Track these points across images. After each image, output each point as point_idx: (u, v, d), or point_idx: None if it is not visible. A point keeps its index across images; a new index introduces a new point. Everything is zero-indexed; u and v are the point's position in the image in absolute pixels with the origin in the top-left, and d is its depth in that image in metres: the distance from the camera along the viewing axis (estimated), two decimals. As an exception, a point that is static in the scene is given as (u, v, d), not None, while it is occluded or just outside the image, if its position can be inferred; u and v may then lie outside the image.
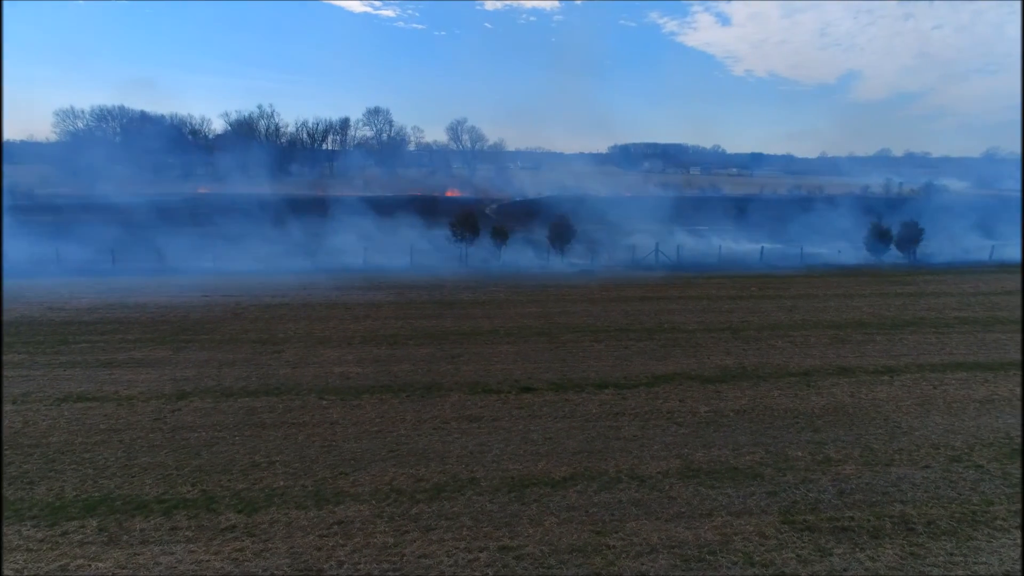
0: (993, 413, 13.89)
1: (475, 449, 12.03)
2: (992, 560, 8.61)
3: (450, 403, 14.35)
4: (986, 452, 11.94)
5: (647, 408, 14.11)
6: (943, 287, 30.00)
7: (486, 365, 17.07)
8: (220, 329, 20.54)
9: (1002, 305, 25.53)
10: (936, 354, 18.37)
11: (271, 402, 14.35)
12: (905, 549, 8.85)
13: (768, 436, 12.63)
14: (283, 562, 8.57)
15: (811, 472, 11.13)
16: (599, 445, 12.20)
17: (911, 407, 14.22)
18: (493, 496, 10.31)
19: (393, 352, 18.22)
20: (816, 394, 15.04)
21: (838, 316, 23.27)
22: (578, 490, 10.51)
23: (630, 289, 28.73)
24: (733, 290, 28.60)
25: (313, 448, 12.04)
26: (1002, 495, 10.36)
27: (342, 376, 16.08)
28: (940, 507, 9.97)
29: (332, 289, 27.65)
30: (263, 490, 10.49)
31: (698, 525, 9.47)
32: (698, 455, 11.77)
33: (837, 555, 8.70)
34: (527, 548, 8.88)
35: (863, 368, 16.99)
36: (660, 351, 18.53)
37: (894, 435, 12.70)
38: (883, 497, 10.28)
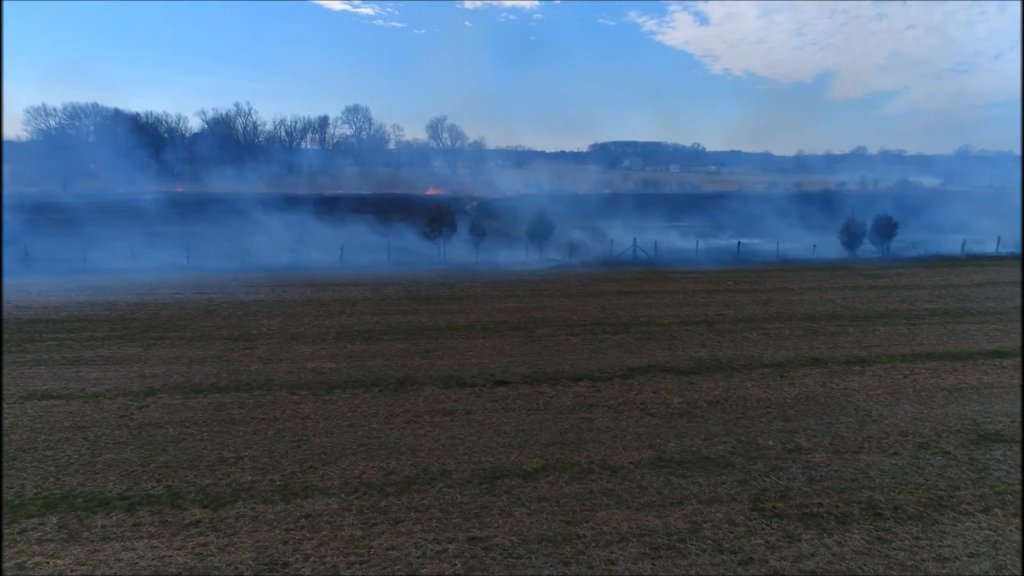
0: (961, 401, 14.07)
1: (447, 442, 11.94)
2: (957, 543, 8.70)
3: (423, 397, 14.24)
4: (953, 439, 12.08)
5: (621, 400, 14.11)
6: (915, 280, 30.41)
7: (461, 359, 16.98)
8: (191, 326, 20.23)
9: (972, 297, 25.93)
10: (907, 345, 18.59)
11: (241, 398, 14.14)
12: (872, 534, 8.91)
13: (740, 426, 12.68)
14: (248, 556, 8.42)
15: (781, 460, 11.19)
16: (572, 437, 12.17)
17: (881, 396, 14.37)
18: (464, 488, 10.23)
19: (367, 347, 18.06)
20: (789, 384, 15.15)
21: (812, 309, 23.49)
22: (549, 481, 10.46)
23: (606, 284, 28.78)
24: (709, 284, 28.77)
25: (283, 443, 11.88)
26: (968, 480, 10.48)
27: (315, 371, 15.90)
28: (907, 493, 10.07)
29: (307, 286, 27.38)
30: (230, 485, 10.32)
31: (668, 513, 9.47)
32: (670, 445, 11.78)
33: (805, 540, 8.74)
34: (496, 539, 8.81)
35: (835, 359, 17.15)
36: (635, 344, 18.56)
37: (864, 423, 12.81)
38: (852, 484, 10.36)
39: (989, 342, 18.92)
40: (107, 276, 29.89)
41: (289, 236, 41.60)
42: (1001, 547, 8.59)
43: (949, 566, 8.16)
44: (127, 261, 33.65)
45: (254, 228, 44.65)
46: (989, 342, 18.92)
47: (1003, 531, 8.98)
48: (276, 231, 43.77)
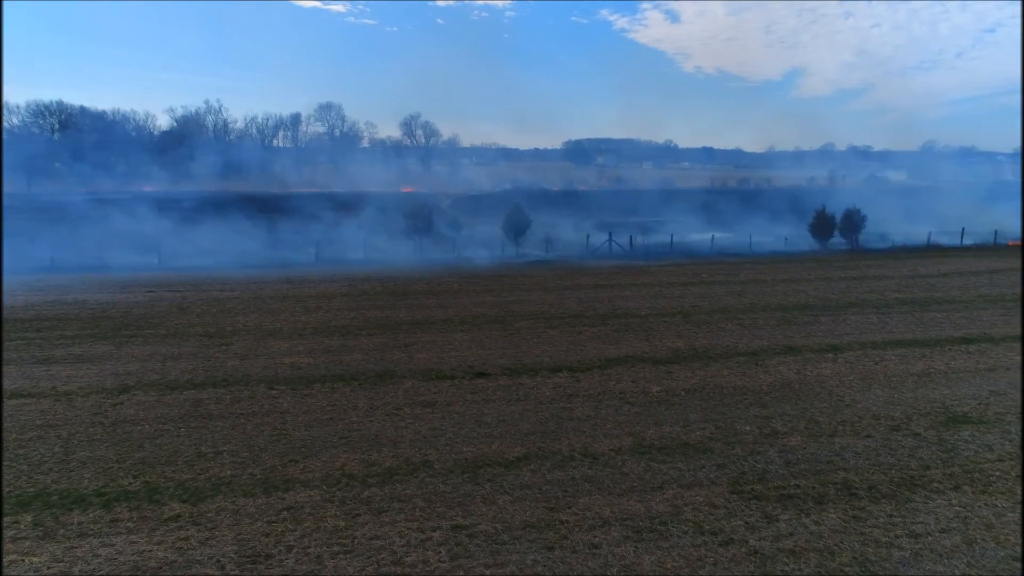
0: (930, 385, 14.43)
1: (428, 433, 11.93)
2: (929, 520, 8.93)
3: (403, 390, 14.21)
4: (923, 421, 12.39)
5: (600, 389, 14.22)
6: (883, 271, 31.08)
7: (440, 353, 16.97)
8: (164, 324, 19.93)
9: (938, 287, 26.58)
10: (877, 333, 19.01)
11: (218, 394, 13.97)
12: (848, 513, 9.11)
13: (718, 413, 12.87)
14: (230, 549, 8.34)
15: (759, 445, 11.38)
16: (553, 426, 12.24)
17: (854, 382, 14.67)
18: (446, 478, 10.25)
19: (345, 342, 17.96)
20: (764, 372, 15.39)
21: (785, 299, 23.89)
22: (531, 469, 10.52)
23: (584, 278, 28.96)
24: (684, 277, 29.10)
25: (262, 437, 11.77)
26: (938, 460, 10.76)
27: (293, 366, 15.77)
28: (881, 473, 10.30)
29: (283, 282, 27.12)
30: (209, 480, 10.21)
31: (650, 498, 9.58)
32: (650, 432, 11.91)
33: (783, 521, 8.91)
34: (480, 526, 8.84)
35: (809, 347, 17.47)
36: (613, 336, 18.71)
37: (837, 408, 13.08)
38: (827, 466, 10.57)
39: (956, 329, 19.42)
40: (75, 275, 29.30)
41: (261, 234, 41.14)
42: (971, 522, 8.84)
43: (922, 541, 8.38)
44: (96, 260, 33.01)
45: (227, 226, 44.08)
46: (956, 329, 19.42)
47: (972, 507, 9.24)
48: (249, 228, 43.26)
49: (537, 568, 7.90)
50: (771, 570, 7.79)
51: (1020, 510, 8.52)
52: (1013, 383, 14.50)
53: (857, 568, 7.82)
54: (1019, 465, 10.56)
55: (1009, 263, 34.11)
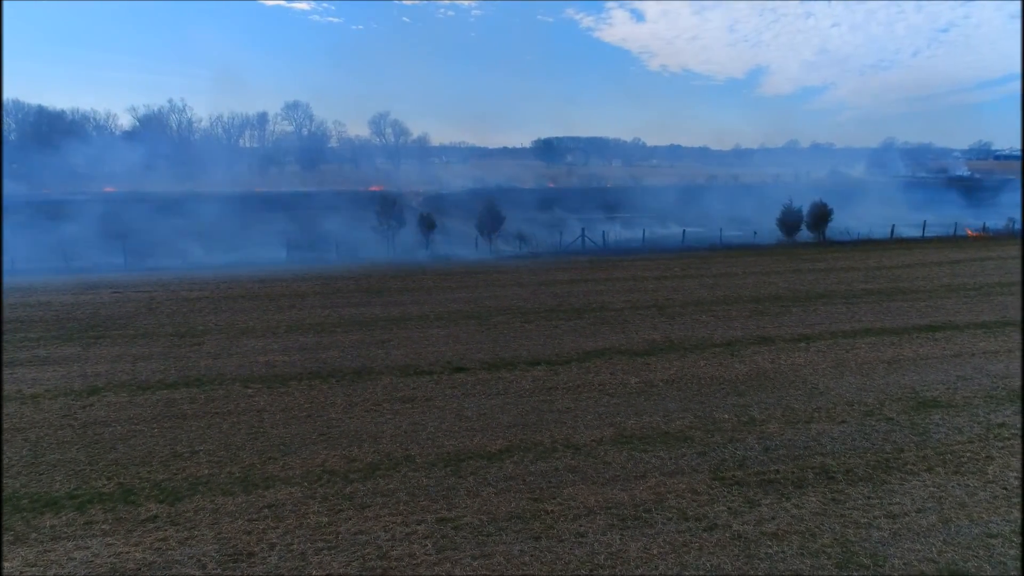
0: (900, 372, 14.76)
1: (409, 428, 11.84)
2: (905, 501, 9.13)
3: (382, 386, 14.09)
4: (895, 406, 12.66)
5: (579, 382, 14.26)
6: (850, 263, 31.72)
7: (417, 348, 16.86)
8: (133, 324, 19.46)
9: (903, 277, 27.21)
10: (847, 322, 19.38)
11: (192, 393, 13.69)
12: (827, 496, 9.27)
13: (696, 402, 12.99)
14: (210, 548, 8.17)
15: (738, 432, 11.51)
16: (533, 418, 12.24)
17: (826, 370, 14.94)
18: (429, 471, 10.18)
19: (320, 340, 17.74)
20: (739, 362, 15.59)
21: (756, 291, 24.23)
22: (514, 461, 10.51)
23: (558, 273, 29.03)
24: (657, 271, 29.35)
25: (239, 435, 11.56)
26: (911, 443, 11.01)
27: (267, 364, 15.52)
28: (856, 457, 10.50)
29: (254, 281, 26.69)
30: (186, 479, 9.99)
31: (633, 487, 9.63)
32: (630, 423, 11.98)
33: (765, 505, 9.03)
34: (465, 518, 8.80)
35: (781, 337, 17.74)
36: (589, 329, 18.79)
37: (812, 395, 13.30)
38: (805, 451, 10.74)
39: (921, 318, 19.89)
40: (37, 277, 28.47)
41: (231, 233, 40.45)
42: (945, 502, 9.07)
43: (900, 521, 8.57)
44: (59, 262, 32.11)
45: (194, 226, 43.24)
46: (921, 318, 19.89)
47: (946, 487, 9.48)
48: (218, 228, 42.49)
49: (524, 558, 7.89)
50: (755, 553, 7.89)
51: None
52: (978, 368, 14.90)
53: (838, 549, 7.96)
54: (988, 446, 10.86)
55: (968, 254, 35.08)
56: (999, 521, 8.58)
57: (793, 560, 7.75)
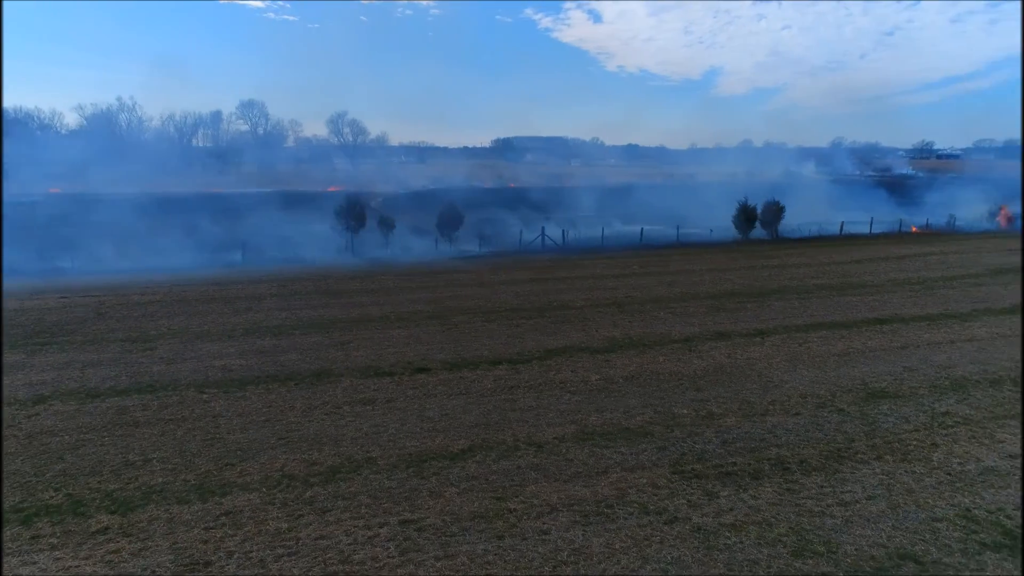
0: (850, 364, 15.22)
1: (370, 430, 11.73)
2: (856, 488, 9.42)
3: (342, 388, 13.92)
4: (846, 397, 13.05)
5: (541, 380, 14.33)
6: (802, 259, 32.59)
7: (378, 350, 16.71)
8: (82, 330, 18.83)
9: (852, 272, 28.08)
10: (800, 316, 19.91)
11: (144, 400, 13.31)
12: (782, 486, 9.51)
13: (656, 398, 13.18)
14: (166, 559, 7.96)
15: (696, 426, 11.72)
16: (496, 417, 12.25)
17: (781, 363, 15.32)
18: (391, 473, 10.10)
19: (278, 342, 17.45)
20: (697, 357, 15.87)
21: (713, 288, 24.70)
22: (477, 461, 10.50)
23: (519, 272, 29.12)
24: (616, 269, 29.68)
25: (194, 442, 11.29)
26: (861, 433, 11.36)
27: (224, 369, 15.19)
28: (810, 447, 10.79)
29: (210, 284, 26.09)
30: (139, 488, 9.72)
31: (595, 483, 9.72)
32: (592, 419, 12.08)
33: (723, 497, 9.22)
34: (428, 519, 8.76)
35: (738, 332, 18.13)
36: (551, 327, 18.90)
37: (767, 389, 13.62)
38: (761, 443, 10.99)
39: (870, 311, 20.55)
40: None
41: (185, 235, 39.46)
42: (894, 489, 9.39)
43: (851, 509, 8.84)
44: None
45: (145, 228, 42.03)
46: (870, 311, 20.55)
47: (894, 475, 9.81)
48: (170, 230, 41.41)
49: (488, 557, 7.90)
50: (714, 544, 8.04)
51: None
52: (923, 359, 15.46)
53: (793, 537, 8.17)
54: (933, 434, 11.28)
55: (913, 249, 36.39)
56: (944, 506, 8.92)
57: (751, 550, 7.92)
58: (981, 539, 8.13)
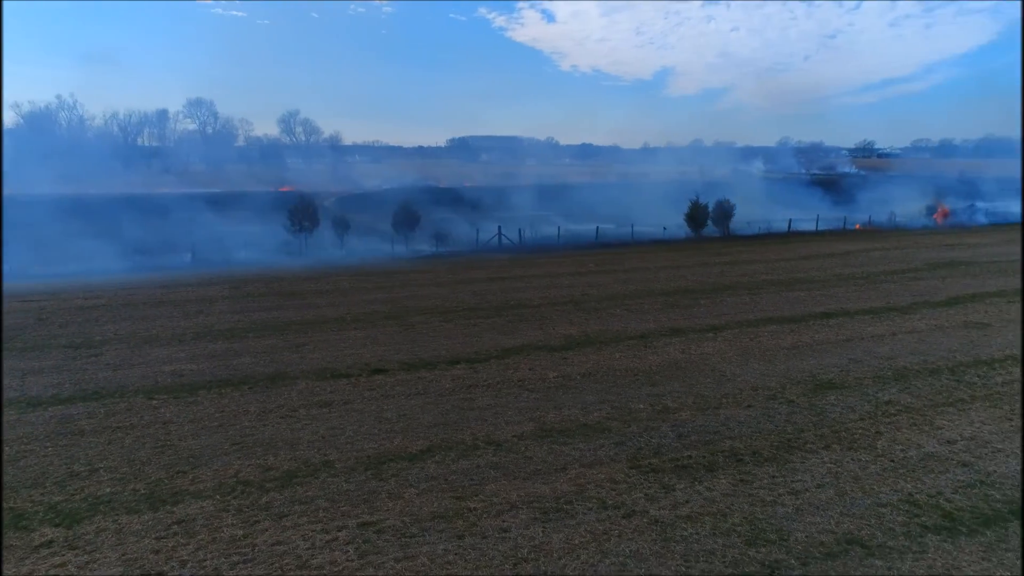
0: (799, 357, 15.68)
1: (327, 433, 11.58)
2: (806, 477, 9.72)
3: (297, 391, 13.71)
4: (795, 389, 13.45)
5: (499, 378, 14.37)
6: (752, 256, 33.40)
7: (334, 351, 16.50)
8: (21, 336, 18.08)
9: (799, 268, 28.92)
10: (751, 312, 20.42)
11: (90, 408, 12.86)
12: (736, 477, 9.75)
13: (613, 394, 13.34)
14: (115, 571, 7.72)
15: (652, 421, 11.91)
16: (454, 417, 12.23)
17: (733, 357, 15.68)
18: (349, 476, 10.00)
19: (231, 346, 17.06)
20: (653, 353, 16.13)
21: (668, 285, 25.13)
22: (436, 461, 10.47)
23: (476, 271, 29.10)
24: (572, 267, 29.93)
25: (144, 450, 10.97)
26: (810, 423, 11.73)
27: (174, 374, 14.79)
28: (762, 439, 11.09)
29: (157, 287, 25.34)
30: (85, 499, 9.39)
31: (554, 479, 9.80)
32: (550, 416, 12.17)
33: (679, 490, 9.40)
34: (388, 521, 8.70)
35: (692, 328, 18.49)
36: (508, 326, 18.95)
37: (721, 382, 13.93)
38: (715, 436, 11.24)
39: (817, 305, 21.21)
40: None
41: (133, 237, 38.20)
42: (841, 476, 9.72)
43: (801, 497, 9.12)
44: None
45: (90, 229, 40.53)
46: (817, 305, 21.21)
47: (841, 463, 10.16)
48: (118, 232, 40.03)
49: (448, 557, 7.89)
50: (671, 536, 8.20)
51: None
52: (867, 351, 16.02)
53: (747, 527, 8.39)
54: (877, 423, 11.71)
55: (857, 245, 37.66)
56: (888, 491, 9.28)
57: (706, 540, 8.10)
58: (923, 522, 8.49)
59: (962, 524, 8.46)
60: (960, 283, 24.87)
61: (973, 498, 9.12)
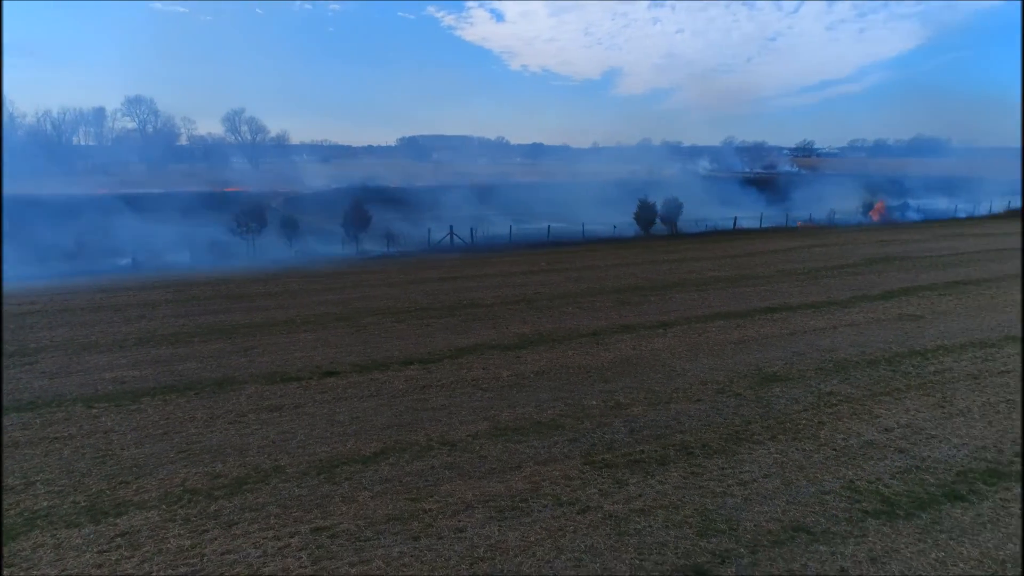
0: (746, 351, 16.10)
1: (277, 438, 11.36)
2: (753, 468, 10.01)
3: (246, 396, 13.39)
4: (743, 382, 13.82)
5: (453, 378, 14.33)
6: (700, 253, 34.14)
7: (284, 354, 16.18)
8: (-54, 345, 17.15)
9: (745, 264, 29.70)
10: (699, 308, 20.87)
11: (25, 418, 12.30)
12: (687, 470, 9.97)
13: (566, 391, 13.47)
14: (55, 587, 7.42)
15: (605, 417, 12.07)
16: (408, 418, 12.16)
17: (683, 353, 16.01)
18: (301, 481, 9.83)
19: (176, 351, 16.55)
20: (605, 350, 16.34)
21: (618, 282, 25.48)
22: (390, 463, 10.39)
23: (428, 271, 28.95)
24: (525, 266, 30.06)
25: (83, 461, 10.56)
26: (756, 415, 12.07)
27: (115, 381, 14.27)
28: (711, 431, 11.36)
29: (96, 292, 24.39)
30: (21, 514, 8.98)
31: (509, 478, 9.84)
32: (504, 415, 12.21)
33: (632, 484, 9.56)
34: (342, 525, 8.60)
35: (642, 324, 18.79)
36: (461, 326, 18.92)
37: (671, 377, 14.21)
38: (666, 430, 11.47)
39: (762, 301, 21.82)
40: None
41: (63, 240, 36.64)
42: (787, 466, 10.04)
43: (750, 487, 9.39)
44: None
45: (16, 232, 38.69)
46: (762, 301, 21.82)
47: (787, 453, 10.49)
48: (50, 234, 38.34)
49: (404, 559, 7.84)
50: (625, 530, 8.33)
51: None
52: (810, 344, 16.57)
53: (698, 518, 8.59)
54: (820, 413, 12.13)
55: (799, 242, 38.89)
56: (831, 479, 9.63)
57: (659, 533, 8.27)
58: (863, 508, 8.84)
59: (900, 508, 8.85)
60: (895, 277, 25.95)
61: (909, 483, 9.54)
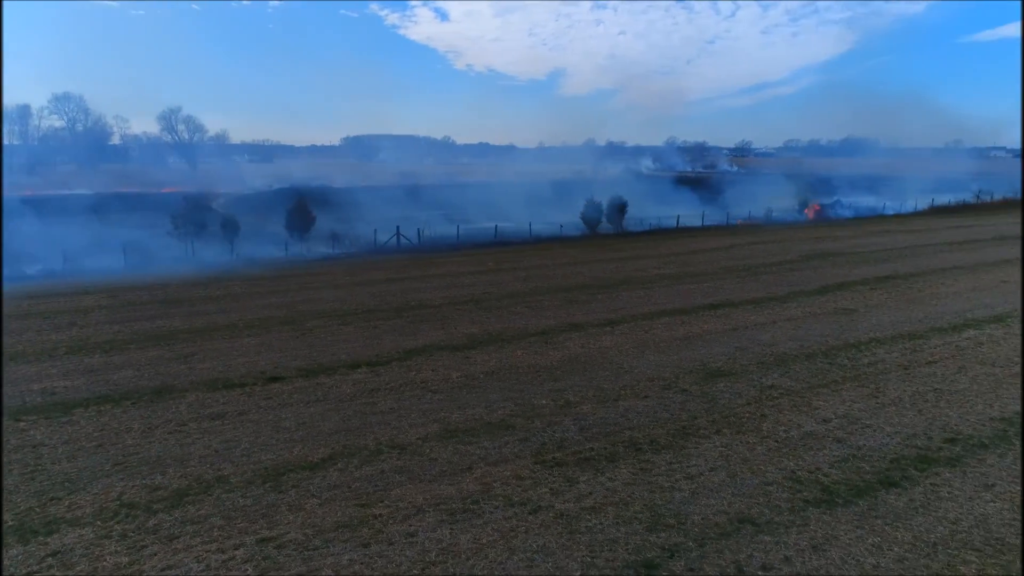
0: (691, 347, 16.45)
1: (220, 447, 11.02)
2: (700, 462, 10.22)
3: (186, 404, 12.94)
4: (688, 378, 14.10)
5: (402, 381, 14.18)
6: (645, 251, 34.74)
7: (226, 360, 15.71)
8: None
9: (689, 262, 30.35)
10: (645, 305, 21.23)
11: (-57, 434, 11.59)
12: (636, 466, 10.11)
13: (516, 391, 13.49)
14: (-20, 613, 7.02)
15: (555, 416, 12.14)
16: (357, 422, 11.97)
17: (630, 350, 16.25)
18: (246, 490, 9.56)
19: (110, 359, 15.88)
20: (554, 349, 16.44)
21: (566, 281, 25.69)
22: (339, 468, 10.20)
23: (375, 272, 28.58)
24: (472, 266, 30.00)
25: (11, 477, 10.01)
26: (702, 410, 12.33)
27: (44, 392, 13.59)
28: (659, 427, 11.55)
29: (22, 298, 23.19)
30: (-59, 537, 8.46)
31: (460, 480, 9.79)
32: (455, 416, 12.15)
33: (583, 482, 9.64)
34: (289, 535, 8.39)
35: (590, 323, 18.99)
36: (410, 327, 18.74)
37: (619, 375, 14.40)
38: (615, 427, 11.60)
39: (705, 297, 22.34)
40: None
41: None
42: (731, 459, 10.29)
43: (697, 481, 9.59)
44: None
45: None
46: (705, 297, 22.34)
47: (732, 446, 10.76)
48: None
49: (354, 567, 7.71)
50: (576, 528, 8.39)
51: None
52: (751, 339, 17.05)
53: (647, 513, 8.72)
54: (762, 406, 12.48)
55: (740, 239, 40.00)
56: (774, 471, 9.92)
57: (610, 529, 8.36)
58: (804, 497, 9.14)
59: (838, 496, 9.18)
60: (830, 273, 26.94)
61: (847, 471, 9.91)
